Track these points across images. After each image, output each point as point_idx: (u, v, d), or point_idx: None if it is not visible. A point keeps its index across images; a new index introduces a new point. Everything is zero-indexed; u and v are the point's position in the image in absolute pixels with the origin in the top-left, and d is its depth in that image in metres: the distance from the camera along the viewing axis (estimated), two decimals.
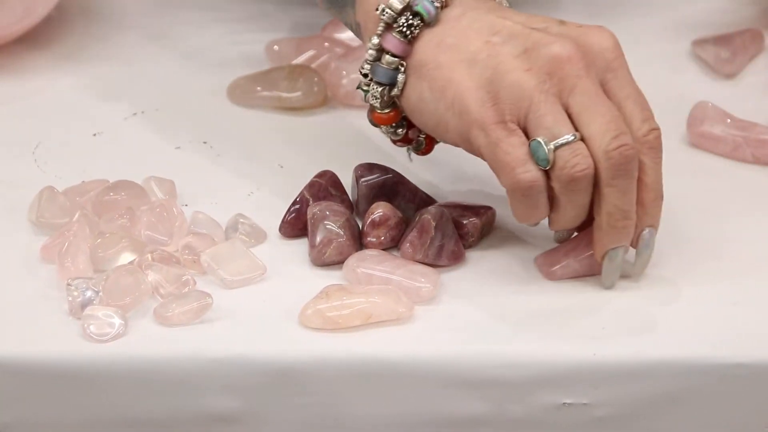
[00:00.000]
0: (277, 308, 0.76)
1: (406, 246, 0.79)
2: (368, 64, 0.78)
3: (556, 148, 0.74)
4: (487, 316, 0.77)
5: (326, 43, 0.92)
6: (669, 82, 0.90)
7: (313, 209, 0.80)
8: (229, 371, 0.74)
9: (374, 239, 0.79)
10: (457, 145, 0.78)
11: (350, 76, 0.89)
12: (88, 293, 0.76)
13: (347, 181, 0.83)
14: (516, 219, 0.77)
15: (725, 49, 0.91)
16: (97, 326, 0.75)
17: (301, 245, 0.80)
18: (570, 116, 0.75)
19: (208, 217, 0.81)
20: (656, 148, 0.76)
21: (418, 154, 0.81)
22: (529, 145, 0.75)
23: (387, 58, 0.78)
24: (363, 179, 0.82)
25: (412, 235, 0.79)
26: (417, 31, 0.78)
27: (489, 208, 0.81)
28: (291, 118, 0.89)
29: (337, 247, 0.79)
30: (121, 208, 0.81)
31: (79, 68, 0.93)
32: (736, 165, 0.86)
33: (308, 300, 0.76)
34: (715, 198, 0.84)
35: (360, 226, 0.80)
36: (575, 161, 0.74)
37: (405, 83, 0.78)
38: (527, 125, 0.75)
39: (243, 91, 0.90)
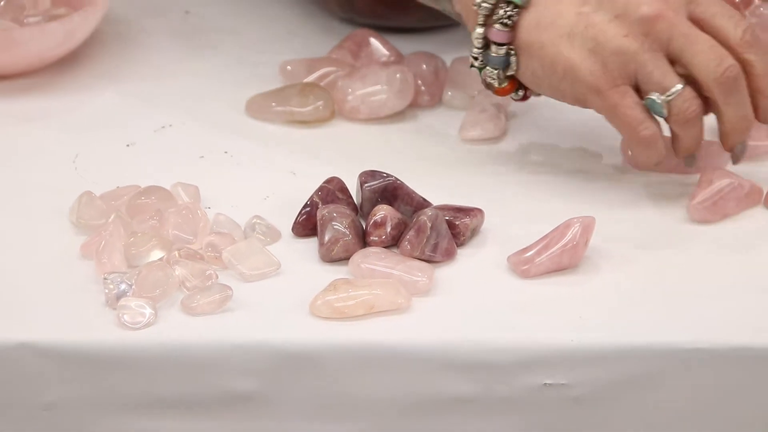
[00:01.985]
0: (290, 299, 0.76)
1: (405, 244, 0.79)
2: (478, 50, 0.79)
3: (669, 100, 0.76)
4: (477, 306, 0.77)
5: (333, 65, 0.91)
6: None
7: (322, 211, 0.79)
8: (248, 355, 0.74)
9: (376, 238, 0.79)
10: (576, 105, 0.80)
11: (355, 93, 0.89)
12: (122, 286, 0.76)
13: (352, 186, 0.82)
14: (638, 166, 0.81)
15: None
16: (130, 315, 0.75)
17: (311, 243, 0.80)
18: (674, 60, 0.77)
19: (229, 219, 0.81)
20: (753, 43, 0.78)
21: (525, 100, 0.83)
22: (645, 101, 0.77)
23: (495, 48, 0.79)
24: (366, 184, 0.81)
25: (410, 234, 0.79)
26: (515, 17, 0.78)
27: (479, 210, 0.81)
28: (302, 131, 0.89)
29: (344, 245, 0.78)
30: (151, 211, 0.81)
31: (114, 86, 0.93)
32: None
33: (318, 292, 0.76)
34: (677, 200, 0.83)
35: (364, 226, 0.80)
36: (686, 106, 0.77)
37: (517, 63, 0.79)
38: (638, 83, 0.77)
39: (259, 107, 0.90)
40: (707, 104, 0.79)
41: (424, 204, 0.81)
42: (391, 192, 0.81)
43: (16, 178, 0.85)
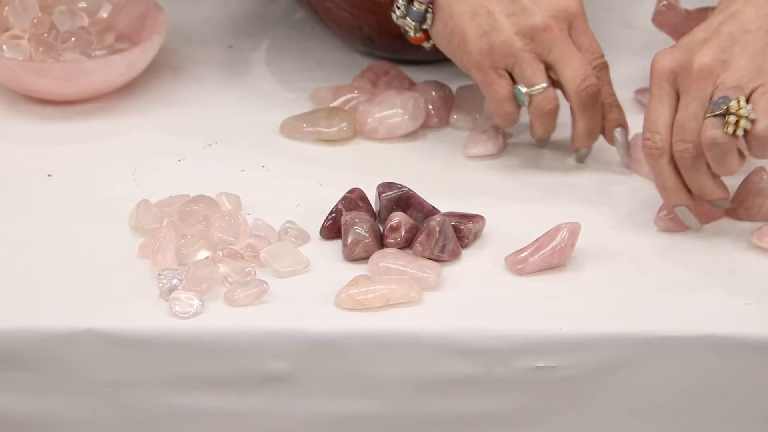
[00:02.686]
0: (318, 293, 0.77)
1: (417, 246, 0.79)
2: (402, 3, 0.81)
3: (532, 94, 0.79)
4: (479, 299, 0.77)
5: (355, 91, 0.92)
6: None
7: (346, 217, 0.80)
8: (281, 341, 0.75)
9: (392, 240, 0.79)
10: (463, 71, 0.83)
11: (374, 116, 0.89)
12: (174, 281, 0.76)
13: (372, 195, 0.82)
14: (501, 122, 0.83)
15: None
16: (181, 306, 0.75)
17: (336, 245, 0.80)
18: (548, 67, 0.79)
19: (265, 223, 0.81)
20: (604, 76, 0.80)
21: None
22: (514, 88, 0.79)
23: (417, 4, 0.80)
24: (384, 194, 0.82)
25: (421, 237, 0.79)
26: None
27: (480, 216, 0.81)
28: (328, 148, 0.89)
29: (364, 246, 0.79)
30: (199, 216, 0.81)
31: (167, 109, 0.93)
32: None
33: (341, 287, 0.76)
34: (649, 202, 0.83)
35: (381, 230, 0.80)
36: (544, 103, 0.79)
37: (432, 20, 0.81)
38: (513, 73, 0.79)
39: (292, 127, 0.90)
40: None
41: (433, 211, 0.81)
42: (404, 201, 0.81)
43: (84, 188, 0.85)
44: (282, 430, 0.76)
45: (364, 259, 0.79)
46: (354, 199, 0.82)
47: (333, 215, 0.81)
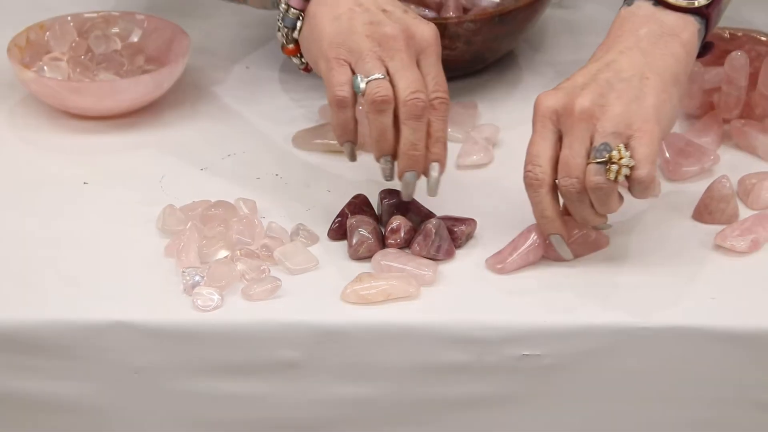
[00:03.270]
0: (326, 288, 0.77)
1: (415, 246, 0.79)
2: (281, 12, 0.79)
3: (368, 81, 0.75)
4: (471, 294, 0.77)
5: (360, 107, 0.91)
6: None
7: (351, 220, 0.80)
8: (293, 332, 0.75)
9: (393, 241, 0.79)
10: (317, 71, 0.79)
11: None
12: (197, 278, 0.76)
13: (374, 201, 0.82)
14: (333, 132, 0.78)
15: None
16: (203, 301, 0.75)
17: (342, 245, 0.80)
18: (388, 73, 0.76)
19: (279, 226, 0.81)
20: (440, 110, 0.76)
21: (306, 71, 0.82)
22: (353, 76, 0.76)
23: (291, 11, 0.78)
24: (385, 200, 0.82)
25: (419, 238, 0.79)
26: None
27: (472, 219, 0.81)
28: (335, 158, 0.89)
29: (368, 246, 0.79)
30: (219, 220, 0.81)
31: (191, 124, 0.93)
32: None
33: (347, 283, 0.76)
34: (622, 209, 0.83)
35: (383, 232, 0.80)
36: (378, 90, 0.75)
37: (301, 28, 0.79)
38: (355, 68, 0.76)
39: (303, 140, 0.90)
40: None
41: (429, 215, 0.81)
42: (404, 205, 0.81)
43: (116, 194, 0.85)
44: (293, 411, 0.76)
45: (368, 258, 0.79)
46: (358, 204, 0.82)
47: (339, 219, 0.81)
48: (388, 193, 0.82)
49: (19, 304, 0.75)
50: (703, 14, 0.76)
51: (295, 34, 0.79)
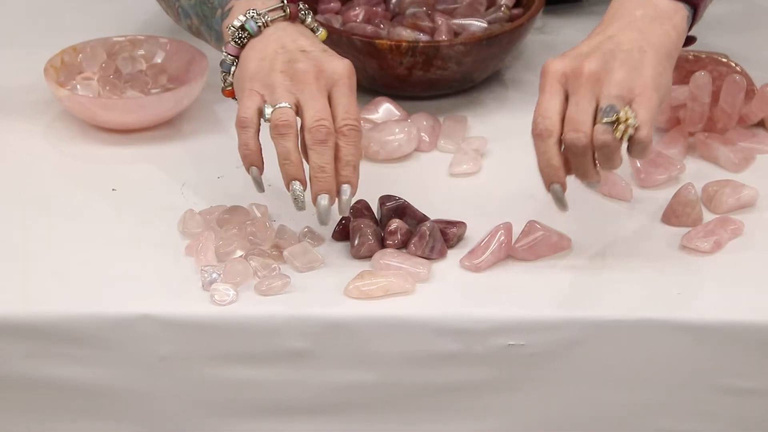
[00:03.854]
0: (331, 284, 0.77)
1: (411, 246, 0.79)
2: (222, 58, 0.80)
3: (274, 109, 0.75)
4: (461, 290, 0.77)
5: (362, 121, 0.91)
6: None
7: (354, 223, 0.80)
8: (301, 324, 0.75)
9: (391, 242, 0.79)
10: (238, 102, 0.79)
11: (376, 141, 0.88)
12: (214, 275, 0.76)
13: (375, 206, 0.82)
14: (239, 150, 0.77)
15: None
16: (219, 296, 0.75)
17: (345, 246, 0.80)
18: (297, 105, 0.76)
19: (288, 229, 0.81)
20: (348, 135, 0.75)
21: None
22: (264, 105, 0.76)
23: (228, 57, 0.79)
24: (384, 205, 0.82)
25: (415, 239, 0.79)
26: (245, 41, 0.79)
27: (463, 222, 0.81)
28: None
29: (368, 246, 0.79)
30: (234, 223, 0.81)
31: (208, 136, 0.92)
32: (605, 198, 0.86)
33: (349, 280, 0.76)
34: (601, 211, 0.84)
35: (382, 234, 0.80)
36: (280, 115, 0.75)
37: (234, 72, 0.79)
38: (267, 100, 0.76)
39: None
40: None
41: (424, 218, 0.81)
42: (401, 210, 0.81)
43: (141, 199, 0.85)
44: (301, 395, 0.76)
45: (368, 257, 0.79)
46: (360, 209, 0.82)
47: (343, 221, 0.81)
48: (387, 199, 0.82)
49: (57, 299, 0.75)
50: (692, 3, 0.77)
51: (230, 78, 0.80)
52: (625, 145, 0.74)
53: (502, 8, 0.95)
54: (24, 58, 0.97)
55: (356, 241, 0.79)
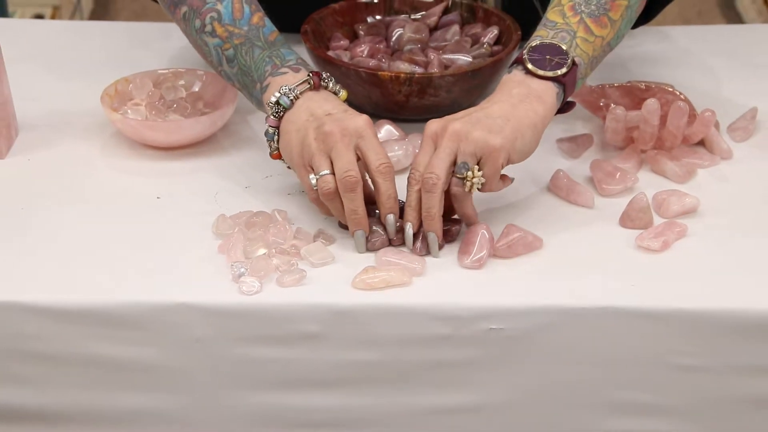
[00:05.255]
0: (340, 277, 0.75)
1: (416, 248, 0.77)
2: (266, 130, 0.80)
3: (319, 177, 0.76)
4: (450, 282, 0.76)
5: None
6: (545, 161, 0.88)
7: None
8: (314, 311, 0.74)
9: (396, 239, 0.78)
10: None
11: None
12: (242, 270, 0.75)
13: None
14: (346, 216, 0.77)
15: (573, 144, 0.90)
16: (246, 287, 0.74)
17: (353, 244, 0.78)
18: (332, 161, 0.76)
19: (305, 230, 0.80)
20: (385, 173, 0.76)
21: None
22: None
23: (269, 128, 0.79)
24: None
25: (420, 241, 0.77)
26: (282, 113, 0.79)
27: (459, 221, 0.80)
28: None
29: (381, 241, 0.78)
30: (259, 225, 0.80)
31: (239, 152, 0.91)
32: (571, 205, 0.84)
33: (356, 273, 0.75)
34: (570, 215, 0.82)
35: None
36: (323, 184, 0.76)
37: (278, 139, 0.80)
38: (311, 166, 0.76)
39: None
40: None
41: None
42: (402, 209, 0.79)
43: (182, 206, 0.83)
44: (314, 371, 0.75)
45: (380, 249, 0.78)
46: (372, 210, 0.80)
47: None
48: None
49: (109, 290, 0.74)
50: (561, 81, 0.78)
51: (274, 145, 0.80)
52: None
53: (485, 45, 0.95)
54: (84, 87, 0.97)
55: (370, 237, 0.78)
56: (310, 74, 0.79)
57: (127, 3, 2.29)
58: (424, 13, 0.99)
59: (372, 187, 0.77)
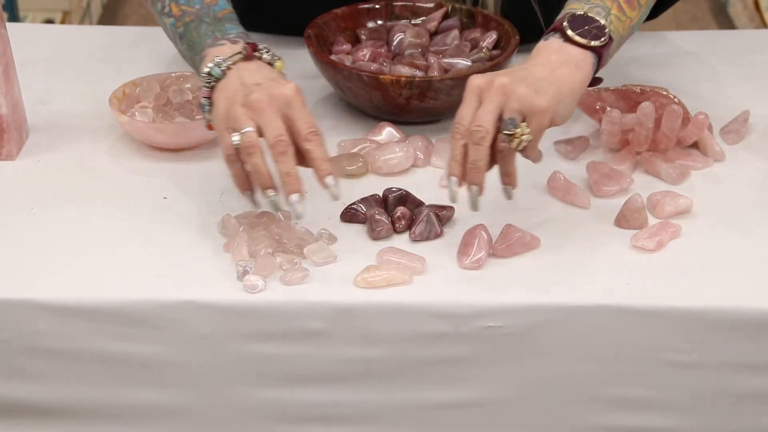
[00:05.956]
0: (342, 276, 0.75)
1: (414, 231, 0.78)
2: (201, 101, 0.79)
3: (242, 133, 0.74)
4: (450, 281, 0.75)
5: (368, 142, 0.90)
6: (543, 163, 0.88)
7: (370, 212, 0.79)
8: (318, 308, 0.74)
9: (399, 225, 0.79)
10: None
11: (380, 158, 0.88)
12: (247, 268, 0.75)
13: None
14: (234, 181, 0.75)
15: (569, 146, 0.90)
16: (251, 285, 0.74)
17: (354, 244, 0.78)
18: (259, 128, 0.74)
19: (307, 230, 0.80)
20: (313, 140, 0.74)
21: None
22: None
23: (202, 99, 0.78)
24: (389, 195, 0.81)
25: (418, 225, 0.78)
26: (213, 83, 0.78)
27: (451, 207, 0.80)
28: (350, 180, 0.87)
29: (386, 229, 0.79)
30: (264, 225, 0.80)
31: None
32: (568, 206, 0.84)
33: (358, 272, 0.75)
34: (558, 215, 0.82)
35: (391, 218, 0.80)
36: (247, 139, 0.74)
37: (210, 110, 0.78)
38: (234, 130, 0.75)
39: None
40: None
41: (421, 203, 0.81)
42: (403, 198, 0.81)
43: (188, 206, 0.83)
44: (317, 367, 0.75)
45: (386, 238, 0.78)
46: (371, 201, 0.81)
47: (353, 207, 0.81)
48: (390, 191, 0.81)
49: (117, 288, 0.74)
50: (597, 52, 0.77)
51: (208, 117, 0.79)
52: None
53: (483, 50, 0.95)
54: (93, 90, 0.97)
55: (375, 227, 0.78)
56: (246, 45, 0.77)
57: (135, 8, 2.29)
58: (424, 18, 0.99)
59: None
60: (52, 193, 0.84)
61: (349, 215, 0.81)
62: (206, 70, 0.77)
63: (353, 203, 0.81)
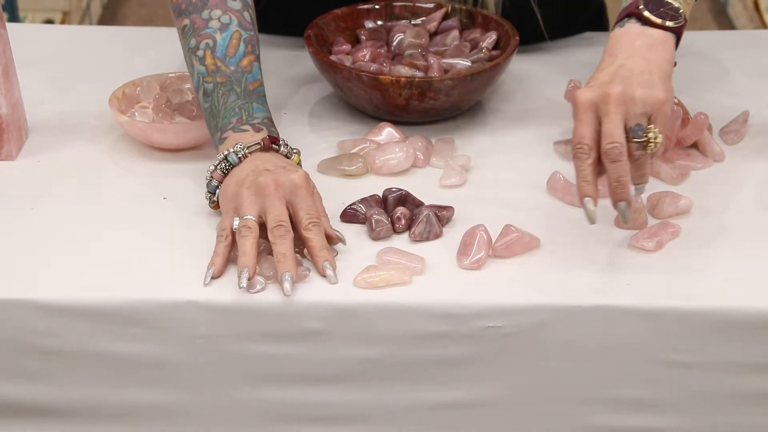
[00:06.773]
0: (343, 276, 0.75)
1: (414, 231, 0.78)
2: (208, 182, 0.79)
3: (240, 220, 0.74)
4: (449, 281, 0.75)
5: (368, 142, 0.90)
6: (542, 163, 0.88)
7: (370, 212, 0.79)
8: (318, 308, 0.73)
9: (399, 225, 0.79)
10: None
11: (380, 158, 0.87)
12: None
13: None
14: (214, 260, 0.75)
15: (569, 147, 0.90)
16: (251, 285, 0.74)
17: (354, 245, 0.78)
18: (262, 215, 0.75)
19: None
20: (312, 230, 0.74)
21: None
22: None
23: (213, 182, 0.78)
24: (389, 195, 0.81)
25: (416, 226, 0.78)
26: (228, 169, 0.78)
27: (451, 207, 0.81)
28: (350, 180, 0.87)
29: (386, 230, 0.79)
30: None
31: None
32: (568, 206, 0.84)
33: (358, 272, 0.75)
34: (555, 213, 0.82)
35: (390, 218, 0.80)
36: (242, 229, 0.74)
37: (218, 195, 0.79)
38: (237, 215, 0.75)
39: (326, 166, 0.89)
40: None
41: (420, 203, 0.81)
42: (403, 198, 0.81)
43: (189, 207, 0.83)
44: (318, 367, 0.75)
45: (386, 238, 0.77)
46: (371, 201, 0.81)
47: (353, 208, 0.81)
48: (390, 191, 0.81)
49: (117, 288, 0.74)
50: (676, 32, 0.77)
51: (214, 198, 0.79)
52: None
53: (483, 50, 0.95)
54: (93, 90, 0.97)
55: (374, 227, 0.78)
56: (267, 138, 0.77)
57: (135, 9, 2.29)
58: (424, 18, 0.99)
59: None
60: (52, 193, 0.84)
61: (349, 215, 0.81)
62: (224, 154, 0.77)
63: (353, 203, 0.81)
